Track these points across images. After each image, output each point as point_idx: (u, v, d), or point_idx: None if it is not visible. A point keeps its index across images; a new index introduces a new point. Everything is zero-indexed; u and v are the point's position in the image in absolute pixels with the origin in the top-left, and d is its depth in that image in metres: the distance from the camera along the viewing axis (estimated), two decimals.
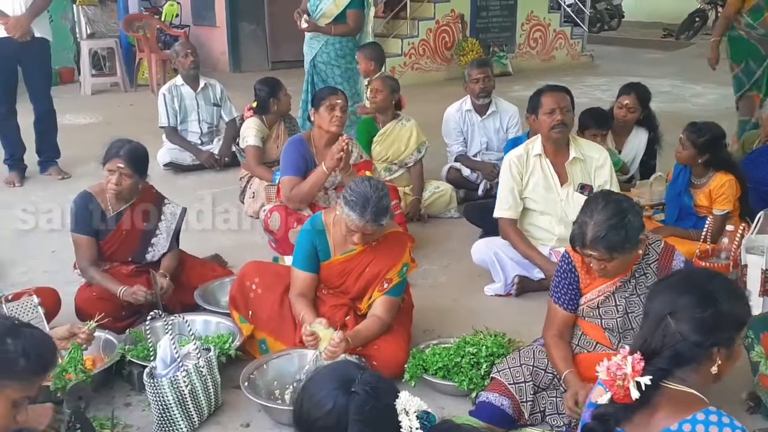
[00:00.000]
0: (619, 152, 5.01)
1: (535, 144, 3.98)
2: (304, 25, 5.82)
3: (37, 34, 5.64)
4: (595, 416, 1.78)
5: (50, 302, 3.34)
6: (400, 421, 1.70)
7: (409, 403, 1.73)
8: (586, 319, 2.81)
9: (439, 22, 10.95)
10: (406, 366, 3.07)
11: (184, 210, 3.79)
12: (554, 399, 2.76)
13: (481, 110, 5.50)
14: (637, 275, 2.71)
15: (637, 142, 5.06)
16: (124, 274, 3.55)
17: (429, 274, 4.30)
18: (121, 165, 3.44)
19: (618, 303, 2.74)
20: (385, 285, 3.18)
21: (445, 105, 5.72)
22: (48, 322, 3.22)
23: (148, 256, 3.63)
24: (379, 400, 1.72)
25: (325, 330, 2.95)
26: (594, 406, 1.84)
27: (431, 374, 3.06)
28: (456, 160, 5.55)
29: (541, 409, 2.77)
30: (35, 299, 3.16)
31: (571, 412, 2.59)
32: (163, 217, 3.67)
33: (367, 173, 3.91)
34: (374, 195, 3.01)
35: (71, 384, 2.70)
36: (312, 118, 4.31)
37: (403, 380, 3.02)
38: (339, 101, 4.14)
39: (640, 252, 2.67)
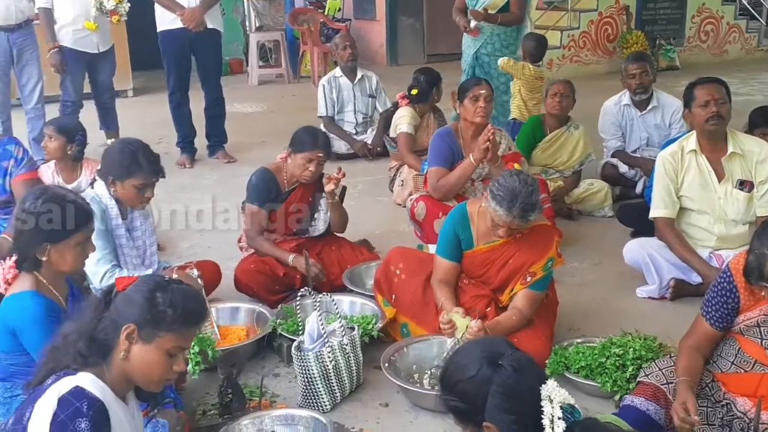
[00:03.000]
0: None
1: (690, 140, 3.78)
2: (473, 24, 5.78)
3: (210, 25, 6.03)
4: None
5: (211, 275, 3.61)
6: (542, 408, 1.69)
7: (554, 392, 1.71)
8: (745, 335, 2.59)
9: (602, 13, 10.58)
10: (547, 362, 3.02)
11: (344, 189, 3.96)
12: (704, 408, 2.60)
13: (640, 105, 5.29)
14: None
15: None
16: (284, 250, 3.75)
17: (577, 272, 4.19)
18: (321, 155, 3.72)
19: None
20: (528, 278, 3.13)
21: (605, 99, 5.53)
22: (209, 293, 3.47)
23: (311, 230, 3.87)
24: (524, 379, 1.73)
25: (462, 319, 2.95)
26: None
27: (573, 372, 2.99)
28: (613, 156, 5.36)
29: None
30: (195, 272, 3.40)
31: (680, 420, 2.39)
32: (325, 194, 3.85)
33: (516, 165, 3.85)
34: (523, 190, 2.96)
35: (226, 351, 2.90)
36: (457, 110, 4.31)
37: None
38: (483, 92, 4.10)
39: None
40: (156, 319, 1.90)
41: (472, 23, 5.78)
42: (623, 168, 5.30)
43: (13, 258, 2.52)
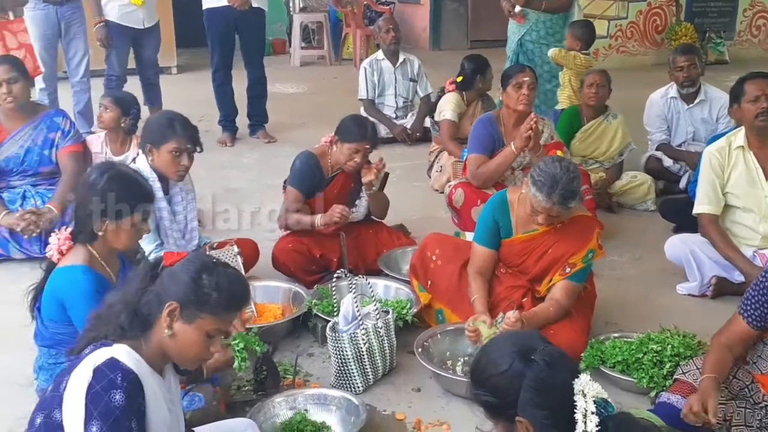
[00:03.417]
0: None
1: (738, 135, 3.71)
2: (517, 9, 5.70)
3: (255, 4, 6.04)
4: None
5: (249, 253, 3.64)
6: (575, 402, 1.67)
7: (588, 387, 1.69)
8: None
9: (651, 4, 10.39)
10: (582, 355, 2.99)
11: (386, 174, 3.96)
12: (742, 410, 2.55)
13: (687, 98, 5.20)
14: None
15: None
16: (323, 234, 3.72)
17: (617, 266, 4.13)
18: (368, 147, 3.68)
19: None
20: (568, 269, 3.09)
21: (651, 91, 5.43)
22: (247, 271, 3.49)
23: (351, 216, 3.83)
24: (557, 374, 1.71)
25: (487, 330, 2.93)
26: None
27: (609, 367, 2.95)
28: (658, 149, 5.26)
29: (728, 417, 2.57)
30: (235, 249, 3.44)
31: (688, 414, 2.38)
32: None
33: (558, 153, 3.79)
34: (564, 176, 2.92)
35: (263, 329, 2.92)
36: (500, 98, 4.27)
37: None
38: (526, 79, 4.04)
39: None
40: (199, 301, 1.90)
41: (517, 8, 5.69)
42: (668, 162, 5.21)
43: (69, 229, 2.57)
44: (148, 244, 3.26)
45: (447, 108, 5.34)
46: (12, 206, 4.04)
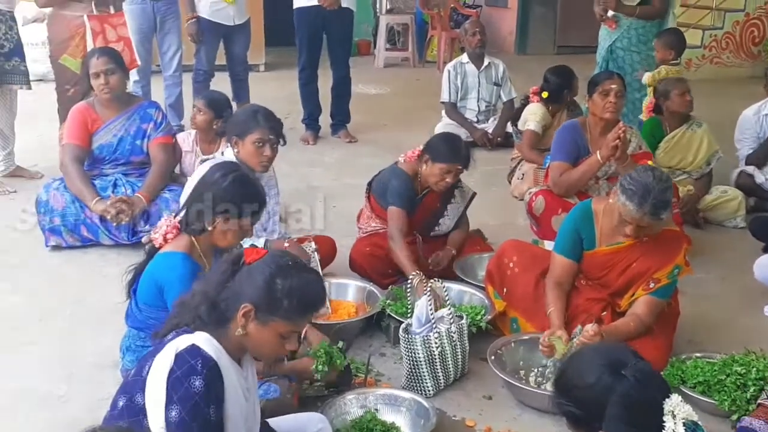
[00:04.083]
0: None
1: None
2: (610, 14, 5.57)
3: (344, 5, 6.11)
4: None
5: (327, 250, 3.69)
6: (663, 422, 1.63)
7: (678, 408, 1.65)
8: None
9: (749, 14, 9.96)
10: (662, 374, 2.89)
11: (474, 195, 3.92)
12: None
13: None
14: None
15: None
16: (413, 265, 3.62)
17: (702, 284, 3.98)
18: (460, 168, 3.64)
19: None
20: (652, 285, 3.00)
21: (745, 105, 5.23)
22: (323, 268, 3.54)
23: (432, 233, 3.83)
24: (647, 391, 1.67)
25: (563, 346, 2.86)
26: None
27: (689, 387, 2.86)
28: (748, 163, 5.05)
29: None
30: (313, 245, 3.49)
31: None
32: (453, 200, 3.82)
33: (650, 162, 3.68)
34: (657, 186, 2.83)
35: (337, 326, 2.95)
36: (587, 105, 4.17)
37: None
38: (614, 86, 3.93)
39: None
40: (272, 306, 1.93)
41: (609, 12, 5.56)
42: (760, 178, 5.00)
43: (178, 218, 2.66)
44: None
45: (532, 119, 5.25)
46: (103, 193, 4.19)
